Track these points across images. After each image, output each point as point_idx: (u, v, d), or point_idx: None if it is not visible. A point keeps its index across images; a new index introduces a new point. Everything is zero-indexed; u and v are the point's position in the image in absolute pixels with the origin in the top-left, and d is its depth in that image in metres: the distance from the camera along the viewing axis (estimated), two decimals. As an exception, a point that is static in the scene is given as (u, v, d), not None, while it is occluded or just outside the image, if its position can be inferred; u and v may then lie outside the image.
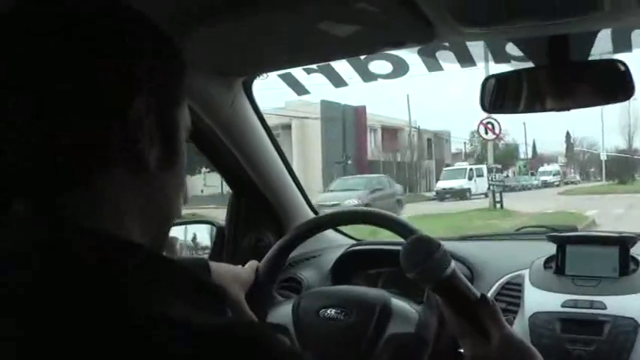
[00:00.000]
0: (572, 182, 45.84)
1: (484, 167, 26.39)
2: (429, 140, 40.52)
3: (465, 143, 48.28)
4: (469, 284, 0.99)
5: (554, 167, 47.22)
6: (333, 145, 28.44)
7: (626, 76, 1.34)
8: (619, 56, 1.41)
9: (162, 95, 0.62)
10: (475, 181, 29.05)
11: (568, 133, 57.25)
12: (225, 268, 1.29)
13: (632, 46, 1.43)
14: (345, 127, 29.34)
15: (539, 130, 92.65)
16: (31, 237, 0.54)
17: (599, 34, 1.38)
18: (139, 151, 0.59)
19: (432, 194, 30.65)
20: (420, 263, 0.96)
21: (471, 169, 30.48)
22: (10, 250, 0.54)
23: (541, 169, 46.12)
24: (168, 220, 0.68)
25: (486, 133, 18.64)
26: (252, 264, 1.37)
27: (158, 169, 0.61)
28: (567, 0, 1.16)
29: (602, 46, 1.40)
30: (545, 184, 40.79)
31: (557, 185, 41.55)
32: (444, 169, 33.90)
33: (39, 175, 0.57)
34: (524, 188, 37.60)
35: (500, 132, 19.18)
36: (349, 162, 28.48)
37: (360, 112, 31.83)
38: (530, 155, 50.39)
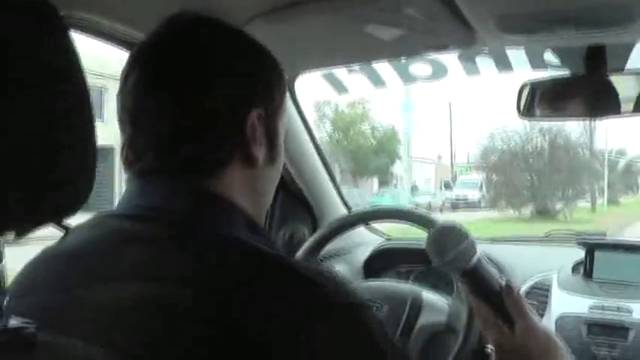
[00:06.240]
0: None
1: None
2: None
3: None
4: (495, 273, 0.98)
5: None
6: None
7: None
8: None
9: (270, 107, 0.78)
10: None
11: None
12: None
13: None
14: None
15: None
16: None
17: (637, 46, 1.41)
18: (252, 151, 0.75)
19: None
20: (446, 252, 0.95)
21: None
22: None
23: (461, 178, 28.32)
24: (265, 206, 0.83)
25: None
26: None
27: (264, 165, 0.77)
28: (608, 11, 1.20)
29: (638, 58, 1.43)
30: (465, 203, 24.48)
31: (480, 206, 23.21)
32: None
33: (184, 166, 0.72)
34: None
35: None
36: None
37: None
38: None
